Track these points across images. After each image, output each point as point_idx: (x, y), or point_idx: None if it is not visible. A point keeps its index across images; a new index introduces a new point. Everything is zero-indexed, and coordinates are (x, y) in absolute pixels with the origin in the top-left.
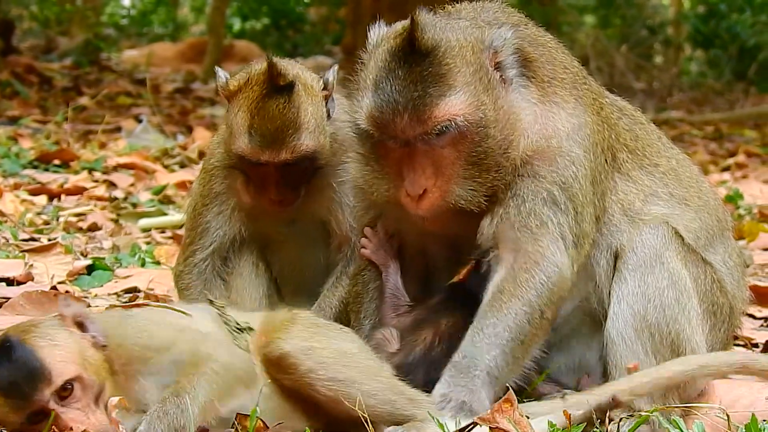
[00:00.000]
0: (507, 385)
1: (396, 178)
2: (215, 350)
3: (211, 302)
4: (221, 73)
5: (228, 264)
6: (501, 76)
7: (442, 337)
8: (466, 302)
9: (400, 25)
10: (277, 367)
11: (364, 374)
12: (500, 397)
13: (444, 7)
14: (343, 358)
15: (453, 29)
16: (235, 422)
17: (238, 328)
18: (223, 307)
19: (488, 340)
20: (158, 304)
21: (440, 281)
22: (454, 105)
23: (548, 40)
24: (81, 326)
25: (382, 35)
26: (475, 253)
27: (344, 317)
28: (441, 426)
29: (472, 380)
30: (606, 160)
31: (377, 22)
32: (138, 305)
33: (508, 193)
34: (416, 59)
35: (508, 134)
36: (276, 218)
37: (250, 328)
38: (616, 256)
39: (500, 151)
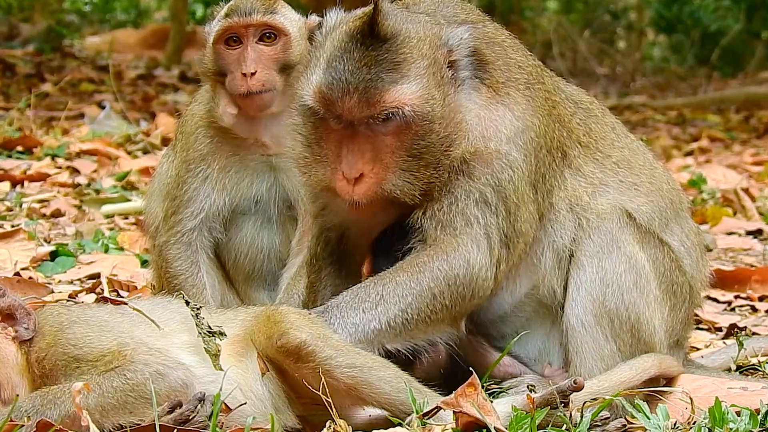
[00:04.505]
0: (470, 368)
1: (334, 161)
2: (144, 363)
3: (186, 303)
4: None
5: (214, 235)
6: (453, 75)
7: None
8: None
9: (360, 11)
10: (296, 356)
11: (375, 360)
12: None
13: None
14: (352, 344)
15: (413, 21)
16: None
17: (210, 332)
18: (198, 308)
19: (352, 300)
20: (120, 299)
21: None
22: (404, 93)
23: (504, 39)
24: (10, 318)
25: (339, 19)
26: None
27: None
28: (413, 401)
29: (324, 316)
30: (554, 159)
31: (338, 7)
32: (110, 301)
33: (443, 190)
34: (374, 43)
35: (451, 133)
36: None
37: (222, 333)
38: (566, 250)
39: (442, 148)
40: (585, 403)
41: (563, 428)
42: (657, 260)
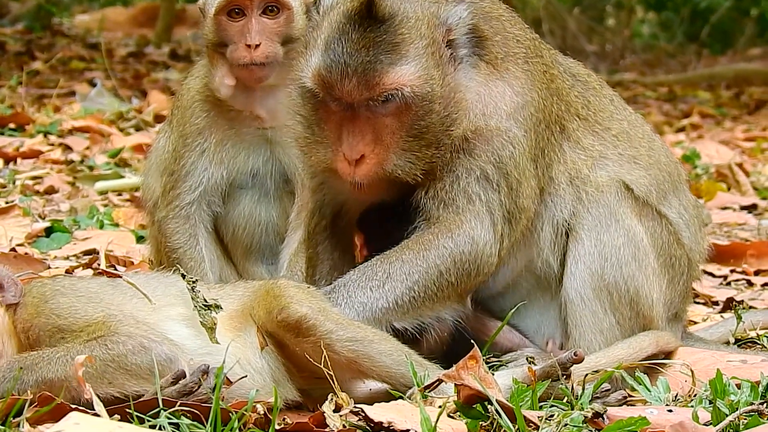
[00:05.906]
0: (472, 341)
1: (335, 143)
2: (128, 335)
3: (183, 276)
4: None
5: (213, 209)
6: (452, 53)
7: None
8: None
9: None
10: (297, 330)
11: (376, 334)
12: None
13: None
14: (352, 318)
15: (411, 1)
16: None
17: (205, 305)
18: (194, 281)
19: (359, 279)
20: (114, 272)
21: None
22: (403, 74)
23: (502, 13)
24: None
25: None
26: (359, 225)
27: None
28: (414, 375)
29: (331, 295)
30: (553, 133)
31: None
32: (105, 273)
33: (445, 169)
34: (371, 25)
35: (451, 112)
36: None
37: (218, 306)
38: (565, 223)
39: (442, 128)
40: (586, 375)
41: (564, 400)
42: (655, 233)
